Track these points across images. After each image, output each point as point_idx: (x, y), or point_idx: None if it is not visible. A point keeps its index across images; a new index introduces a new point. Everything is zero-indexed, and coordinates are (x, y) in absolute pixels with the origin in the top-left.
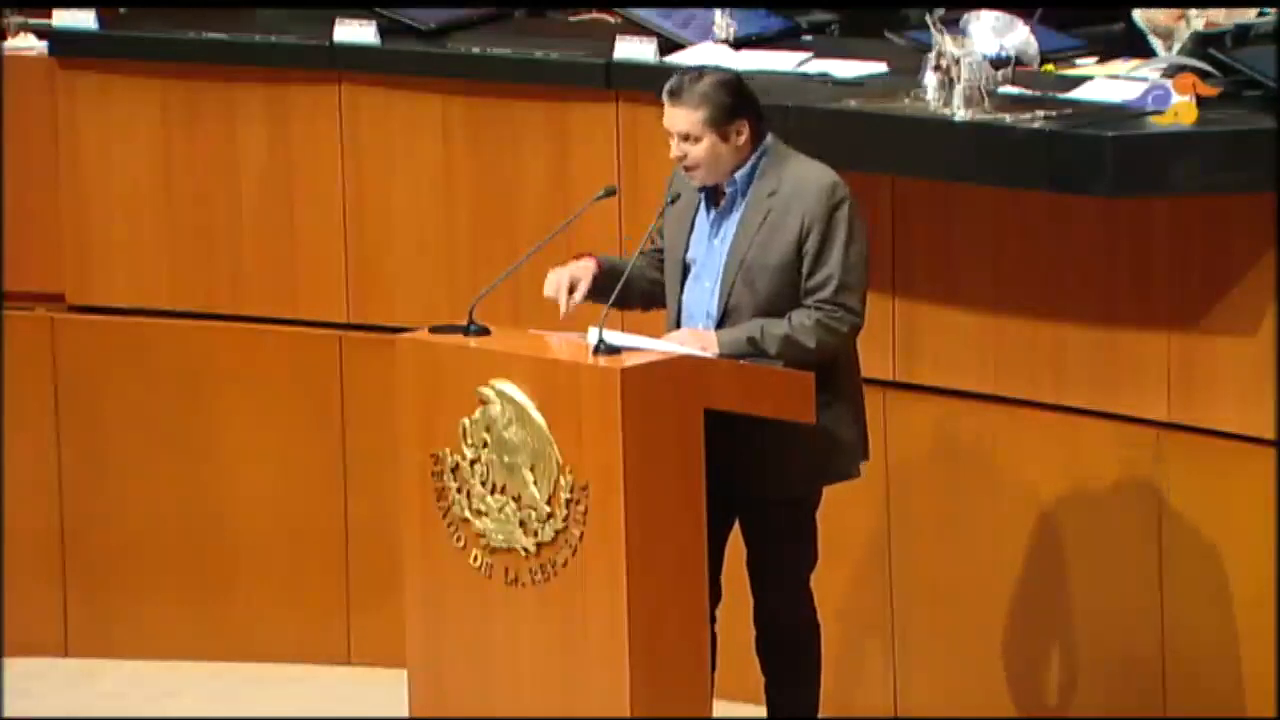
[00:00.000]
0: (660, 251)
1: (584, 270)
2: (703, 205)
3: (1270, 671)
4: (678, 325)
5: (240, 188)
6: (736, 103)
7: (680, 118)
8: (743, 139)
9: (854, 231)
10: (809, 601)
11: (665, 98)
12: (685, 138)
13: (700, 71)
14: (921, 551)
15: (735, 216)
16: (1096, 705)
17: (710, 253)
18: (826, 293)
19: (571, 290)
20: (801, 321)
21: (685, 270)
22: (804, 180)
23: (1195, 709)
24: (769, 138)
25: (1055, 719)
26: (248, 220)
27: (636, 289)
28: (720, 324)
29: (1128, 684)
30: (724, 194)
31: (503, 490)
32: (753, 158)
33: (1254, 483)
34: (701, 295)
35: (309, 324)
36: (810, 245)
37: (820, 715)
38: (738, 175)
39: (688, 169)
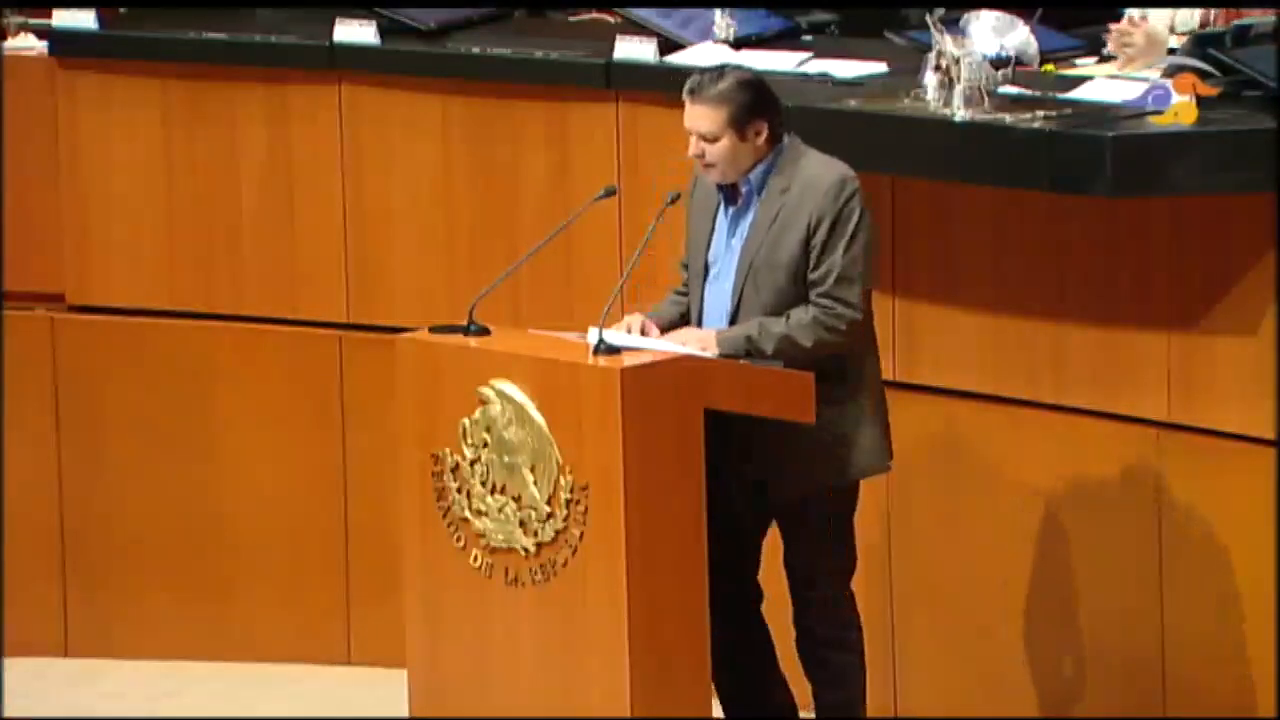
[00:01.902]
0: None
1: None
2: (722, 205)
3: (1271, 672)
4: (700, 325)
5: (240, 188)
6: (757, 103)
7: (701, 117)
8: (761, 139)
9: (860, 227)
10: (850, 603)
11: (686, 96)
12: (704, 136)
13: (721, 70)
14: (921, 551)
15: (750, 215)
16: (1096, 705)
17: (729, 252)
18: (826, 286)
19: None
20: (800, 319)
21: (706, 271)
22: (816, 177)
23: (1195, 709)
24: (787, 137)
25: (1055, 718)
26: (248, 220)
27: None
28: (733, 321)
29: (1128, 684)
30: (741, 193)
31: (503, 490)
32: (769, 156)
33: (1254, 483)
34: (721, 295)
35: (309, 324)
36: (817, 239)
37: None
38: (753, 174)
39: (706, 167)
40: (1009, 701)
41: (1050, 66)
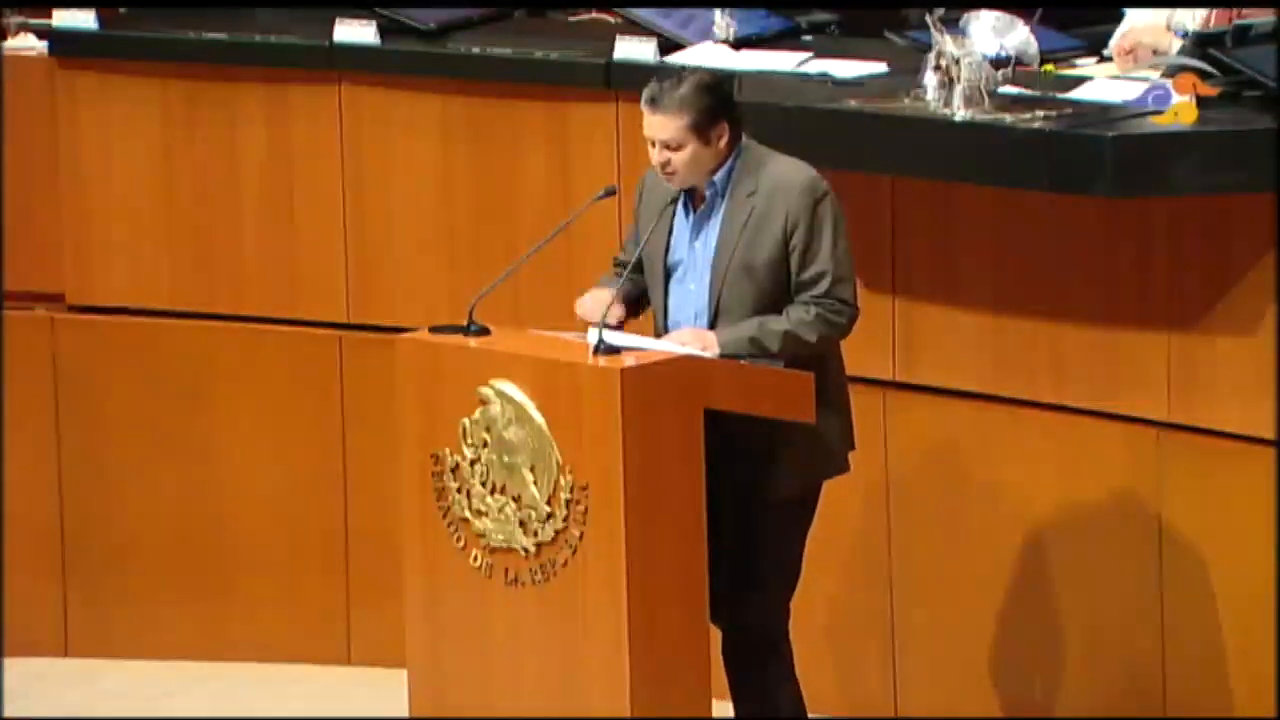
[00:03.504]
0: (634, 262)
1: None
2: (680, 208)
3: (1270, 672)
4: (665, 328)
5: (240, 188)
6: (717, 106)
7: (662, 125)
8: (723, 142)
9: (838, 225)
10: (786, 611)
11: (645, 106)
12: (667, 145)
13: (679, 76)
14: (921, 551)
15: (716, 218)
16: (1096, 706)
17: (692, 255)
18: (822, 288)
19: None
20: (801, 317)
21: (667, 274)
22: (784, 178)
23: (1195, 710)
24: (744, 138)
25: (1055, 718)
26: (248, 220)
27: (641, 305)
28: (711, 324)
29: (1128, 685)
30: (703, 196)
31: (503, 490)
32: (730, 159)
33: (1254, 483)
34: (686, 297)
35: (309, 324)
36: (797, 242)
37: (818, 715)
38: (716, 177)
39: (669, 174)
40: (1009, 701)
41: (1050, 66)
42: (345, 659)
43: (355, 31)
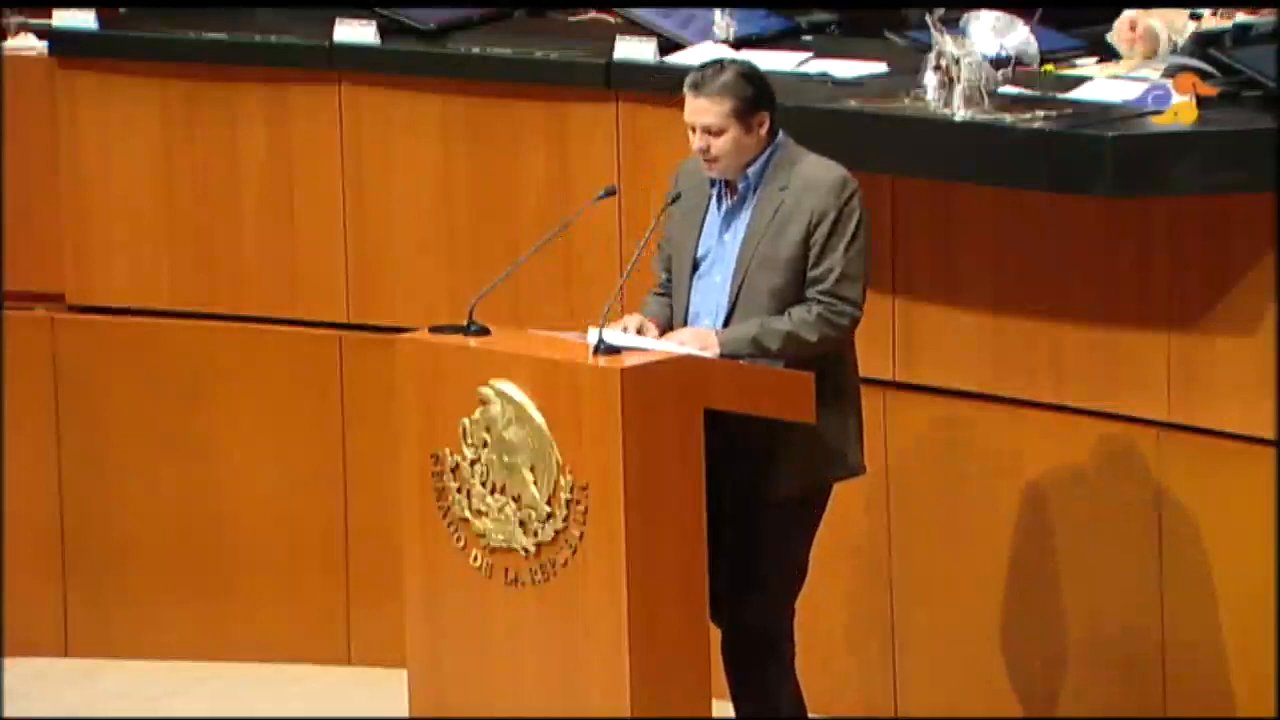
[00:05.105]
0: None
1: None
2: (713, 202)
3: (1270, 671)
4: (685, 320)
5: (240, 188)
6: (758, 94)
7: (705, 110)
8: (764, 130)
9: (860, 226)
10: (789, 611)
11: (688, 90)
12: (709, 130)
13: (721, 64)
14: (921, 551)
15: (747, 211)
16: (1096, 705)
17: (721, 248)
18: (828, 284)
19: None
20: (803, 317)
21: (695, 266)
22: (815, 176)
23: (1195, 709)
24: (780, 133)
25: (1055, 718)
26: (248, 220)
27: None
28: (729, 318)
29: (1128, 684)
30: (736, 190)
31: (502, 490)
32: (766, 153)
33: (1254, 483)
34: (711, 290)
35: (309, 324)
36: (818, 237)
37: (817, 715)
38: (750, 171)
39: (710, 161)
40: (1009, 701)
41: (1050, 66)
42: (345, 659)
43: (355, 31)
